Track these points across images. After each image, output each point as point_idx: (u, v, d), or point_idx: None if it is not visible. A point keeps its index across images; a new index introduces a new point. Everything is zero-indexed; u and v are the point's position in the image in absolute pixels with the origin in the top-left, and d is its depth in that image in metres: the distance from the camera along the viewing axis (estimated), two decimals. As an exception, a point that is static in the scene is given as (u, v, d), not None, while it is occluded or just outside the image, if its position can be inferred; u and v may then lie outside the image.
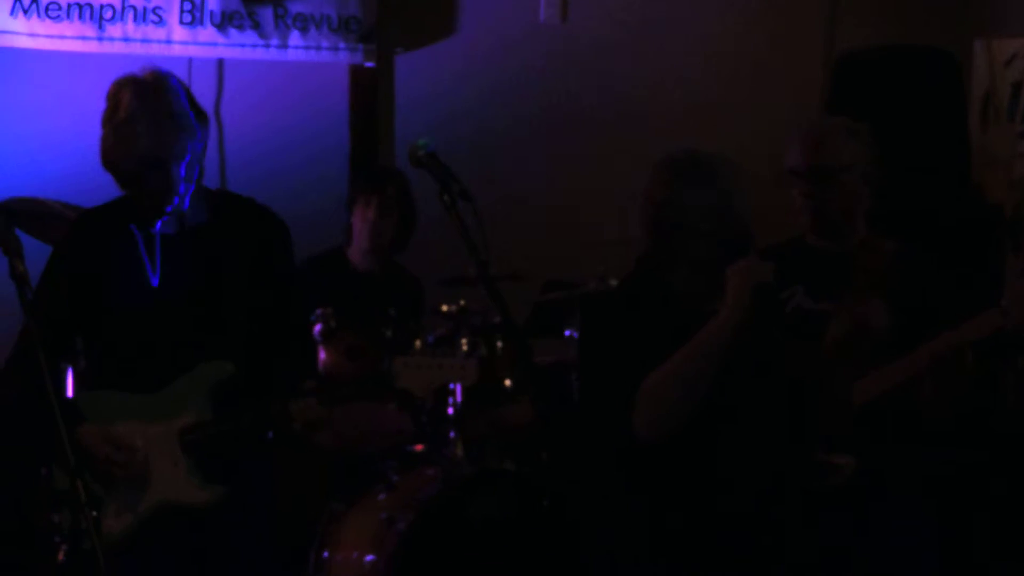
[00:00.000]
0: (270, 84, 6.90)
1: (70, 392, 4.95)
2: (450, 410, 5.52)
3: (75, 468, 3.47)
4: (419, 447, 5.61)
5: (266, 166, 6.79)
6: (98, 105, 4.15)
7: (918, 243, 4.65)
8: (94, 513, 3.43)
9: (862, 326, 4.35)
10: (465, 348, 5.56)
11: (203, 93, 4.19)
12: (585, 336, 4.27)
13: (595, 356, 4.04)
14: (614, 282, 5.73)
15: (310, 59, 6.81)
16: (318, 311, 5.45)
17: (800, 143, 4.61)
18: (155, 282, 4.18)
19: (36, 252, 4.20)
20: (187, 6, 6.59)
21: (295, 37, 6.77)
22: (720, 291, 3.92)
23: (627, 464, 3.95)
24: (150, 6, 6.52)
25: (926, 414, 4.40)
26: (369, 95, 7.10)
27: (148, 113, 4.05)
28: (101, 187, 4.28)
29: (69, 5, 6.42)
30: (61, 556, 4.10)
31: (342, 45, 6.86)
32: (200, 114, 4.17)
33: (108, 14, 6.47)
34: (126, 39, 6.51)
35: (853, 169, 4.55)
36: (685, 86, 7.36)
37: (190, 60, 6.60)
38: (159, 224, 4.18)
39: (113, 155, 4.08)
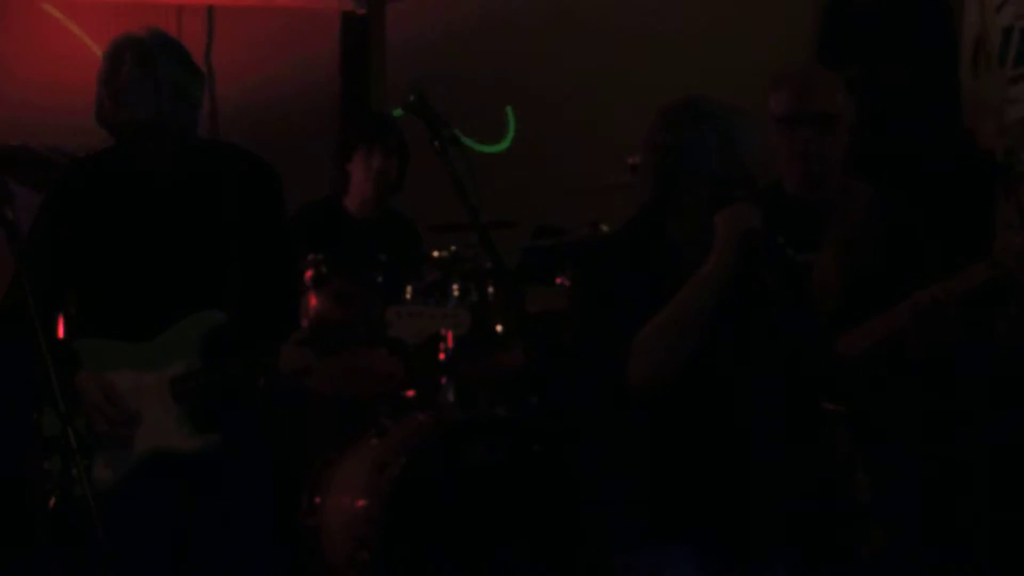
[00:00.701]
0: (261, 31, 6.88)
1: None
2: (441, 356, 5.53)
3: (66, 415, 3.48)
4: (410, 393, 5.63)
5: (257, 113, 6.78)
6: (86, 52, 4.13)
7: (906, 190, 4.62)
8: (85, 460, 3.44)
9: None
10: (456, 294, 5.57)
11: (193, 40, 4.18)
12: (580, 284, 4.25)
13: (590, 305, 4.03)
14: (605, 228, 5.72)
15: (298, 5, 6.79)
16: (308, 257, 5.45)
17: (792, 88, 4.54)
18: (147, 230, 4.18)
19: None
20: (174, -48, 6.57)
21: (284, -17, 6.76)
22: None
23: (620, 413, 3.95)
24: (138, -47, 6.49)
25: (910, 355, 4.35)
26: (360, 42, 7.08)
27: (148, 79, 4.02)
28: (86, 133, 4.26)
29: (57, -49, 6.39)
30: (52, 503, 4.11)
31: (331, -8, 6.85)
32: (196, 72, 4.16)
33: (97, -39, 6.43)
34: (115, -14, 6.48)
35: (843, 119, 4.51)
36: (674, 32, 7.33)
37: (180, 7, 6.57)
38: (151, 173, 4.18)
39: (110, 118, 4.07)
